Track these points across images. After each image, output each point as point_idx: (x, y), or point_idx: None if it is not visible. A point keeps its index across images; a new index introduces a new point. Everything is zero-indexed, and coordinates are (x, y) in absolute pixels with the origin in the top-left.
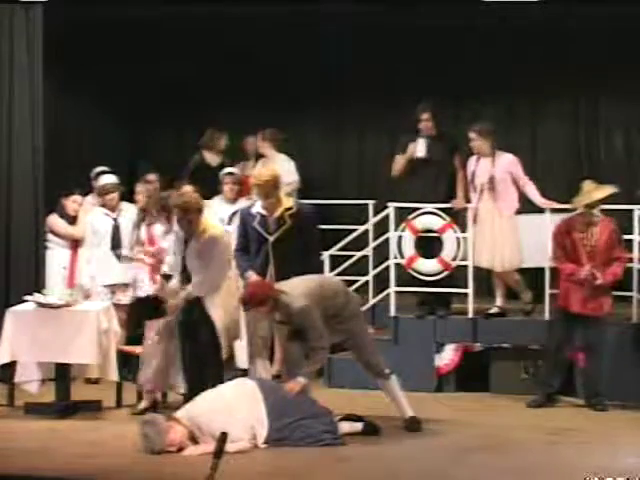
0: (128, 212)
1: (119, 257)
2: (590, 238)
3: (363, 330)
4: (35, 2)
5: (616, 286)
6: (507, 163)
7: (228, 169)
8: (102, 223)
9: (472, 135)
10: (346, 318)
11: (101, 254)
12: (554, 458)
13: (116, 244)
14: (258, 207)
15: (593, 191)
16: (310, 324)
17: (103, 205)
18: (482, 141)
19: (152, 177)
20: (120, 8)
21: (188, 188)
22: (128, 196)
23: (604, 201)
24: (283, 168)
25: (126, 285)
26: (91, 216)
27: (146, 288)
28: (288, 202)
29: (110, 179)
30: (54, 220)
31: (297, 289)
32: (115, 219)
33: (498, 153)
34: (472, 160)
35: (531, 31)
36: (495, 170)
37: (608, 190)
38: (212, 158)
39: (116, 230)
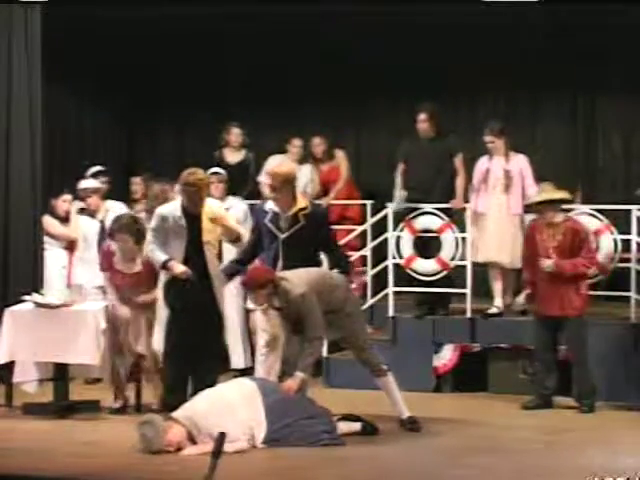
0: (114, 211)
1: None
2: (552, 239)
3: (361, 328)
4: (34, 2)
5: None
6: (521, 163)
7: (214, 169)
8: (89, 226)
9: (489, 138)
10: (346, 314)
11: (92, 256)
12: (552, 458)
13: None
14: (271, 204)
15: (548, 192)
16: (307, 311)
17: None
18: (500, 141)
19: (136, 180)
20: (119, 7)
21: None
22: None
23: (558, 203)
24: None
25: None
26: (82, 221)
27: None
28: (303, 202)
29: (87, 184)
30: (50, 221)
31: (298, 278)
32: (102, 221)
33: (511, 152)
34: (484, 159)
35: (530, 32)
36: (510, 167)
37: (562, 194)
38: (230, 155)
39: (102, 231)
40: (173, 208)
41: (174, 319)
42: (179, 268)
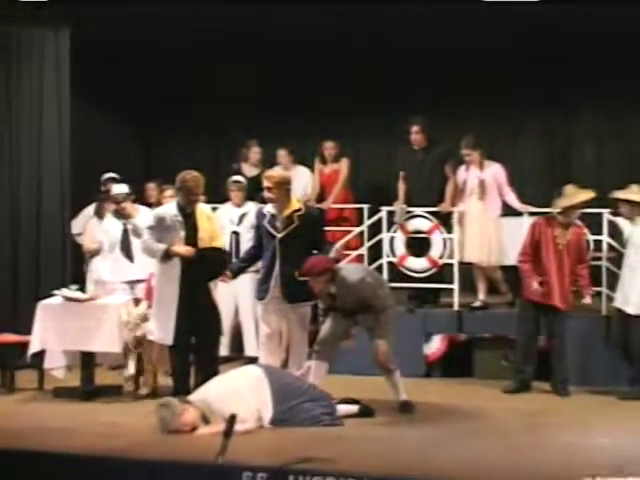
0: (142, 214)
1: (130, 258)
2: (563, 238)
3: (389, 322)
4: (63, 24)
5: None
6: (495, 171)
7: (234, 177)
8: (115, 229)
9: (465, 151)
10: (385, 307)
11: (116, 256)
12: (532, 437)
13: (125, 248)
14: (270, 207)
15: (575, 194)
16: (371, 290)
17: (115, 212)
18: (475, 153)
19: (150, 185)
20: (135, 27)
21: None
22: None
23: (585, 204)
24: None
25: (142, 281)
26: (107, 223)
27: None
28: (297, 204)
29: (121, 189)
30: (94, 230)
31: (354, 268)
32: (125, 224)
33: (487, 162)
34: (462, 169)
35: (510, 54)
36: (484, 176)
37: (589, 194)
38: (248, 169)
39: (125, 235)
40: (168, 208)
41: (179, 311)
42: (183, 248)
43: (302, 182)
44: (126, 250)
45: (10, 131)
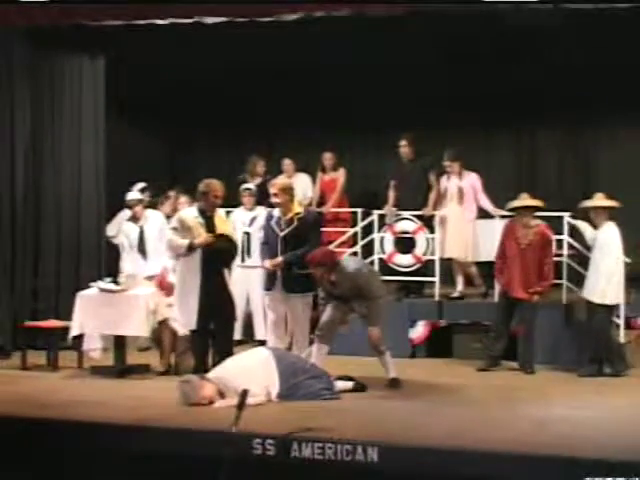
0: (152, 218)
1: (144, 256)
2: (525, 238)
3: (380, 311)
4: (99, 52)
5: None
6: (472, 180)
7: (246, 185)
8: (132, 231)
9: (447, 163)
10: (377, 297)
11: (135, 253)
12: (504, 408)
13: (141, 247)
14: (277, 211)
15: (523, 200)
16: (365, 279)
17: (130, 216)
18: (455, 164)
19: (171, 193)
20: (163, 52)
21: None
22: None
23: (532, 209)
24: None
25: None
26: (126, 226)
27: None
28: (299, 208)
29: (132, 195)
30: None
31: (352, 259)
32: (141, 227)
33: (465, 172)
34: (444, 178)
35: (484, 76)
36: (463, 184)
37: (535, 202)
38: (253, 179)
39: (141, 236)
40: (189, 211)
41: (200, 300)
42: (202, 238)
43: (303, 186)
44: (142, 250)
45: (53, 146)
